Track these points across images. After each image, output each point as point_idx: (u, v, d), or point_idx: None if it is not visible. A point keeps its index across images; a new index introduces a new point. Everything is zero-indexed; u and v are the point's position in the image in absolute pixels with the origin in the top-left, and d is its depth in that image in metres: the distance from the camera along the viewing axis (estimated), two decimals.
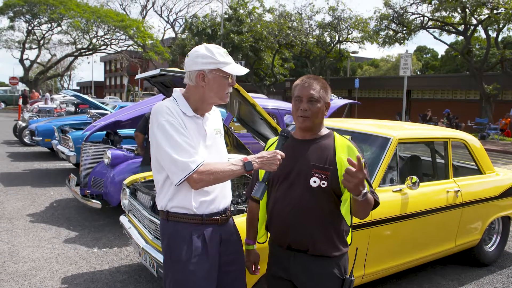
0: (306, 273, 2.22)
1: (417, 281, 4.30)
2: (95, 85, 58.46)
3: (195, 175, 1.99)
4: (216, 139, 2.25)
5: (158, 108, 2.09)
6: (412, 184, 3.56)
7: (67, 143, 8.42)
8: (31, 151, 12.13)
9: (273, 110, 7.23)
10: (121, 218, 4.16)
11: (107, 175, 5.76)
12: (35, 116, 14.17)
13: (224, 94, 2.17)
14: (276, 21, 30.09)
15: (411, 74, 21.18)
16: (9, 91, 37.56)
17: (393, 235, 3.59)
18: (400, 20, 24.33)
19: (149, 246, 3.38)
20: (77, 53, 37.16)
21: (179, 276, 2.12)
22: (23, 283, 3.96)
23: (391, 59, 54.44)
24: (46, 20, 33.18)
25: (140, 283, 4.05)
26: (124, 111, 6.73)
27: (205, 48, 2.13)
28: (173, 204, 2.13)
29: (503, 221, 4.85)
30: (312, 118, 2.20)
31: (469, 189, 4.24)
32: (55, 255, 4.64)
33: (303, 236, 2.19)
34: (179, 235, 2.13)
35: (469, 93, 27.94)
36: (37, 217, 5.96)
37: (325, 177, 2.15)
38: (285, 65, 35.35)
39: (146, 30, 34.51)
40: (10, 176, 8.66)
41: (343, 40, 30.42)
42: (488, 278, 4.44)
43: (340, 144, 2.22)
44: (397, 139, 3.71)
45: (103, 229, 5.56)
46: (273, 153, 2.08)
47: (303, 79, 2.26)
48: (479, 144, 4.65)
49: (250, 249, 2.45)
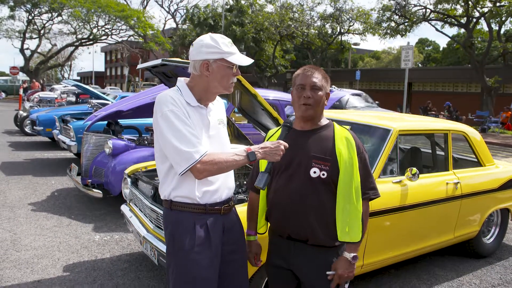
0: (305, 263, 2.24)
1: (415, 271, 4.34)
2: (95, 75, 58.33)
3: (199, 165, 2.00)
4: (219, 130, 2.26)
5: (162, 98, 2.09)
6: (412, 175, 3.58)
7: (68, 133, 8.43)
8: (32, 141, 12.15)
9: (274, 101, 7.23)
10: (122, 207, 4.19)
11: (108, 164, 5.78)
12: (36, 106, 14.16)
13: (228, 84, 2.18)
14: (278, 12, 29.96)
15: (412, 66, 21.13)
16: (10, 81, 37.51)
17: (392, 226, 3.61)
18: (402, 11, 24.21)
19: (150, 235, 3.40)
20: (78, 43, 37.02)
21: (182, 265, 2.14)
22: (25, 271, 4.00)
23: (393, 51, 54.29)
24: (47, 10, 33.02)
25: (141, 272, 4.09)
26: (125, 101, 6.74)
27: (210, 38, 2.13)
28: (177, 193, 2.14)
29: (502, 213, 4.87)
30: (314, 107, 2.21)
31: (469, 181, 4.26)
32: (57, 244, 4.68)
33: (303, 227, 2.21)
34: (182, 224, 2.15)
35: (470, 86, 27.90)
36: (39, 206, 5.99)
37: (325, 167, 2.17)
38: (286, 57, 35.26)
39: (147, 21, 34.36)
40: (12, 165, 8.69)
41: (344, 32, 30.33)
42: (486, 270, 4.48)
43: (340, 135, 2.23)
44: (397, 130, 3.72)
45: (104, 218, 5.59)
46: (277, 143, 2.09)
47: (305, 68, 2.28)
48: (479, 136, 4.67)
49: (252, 240, 2.47)
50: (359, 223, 2.18)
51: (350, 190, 2.16)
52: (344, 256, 2.21)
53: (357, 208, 2.17)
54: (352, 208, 2.17)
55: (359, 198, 2.18)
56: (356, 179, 2.17)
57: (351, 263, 2.21)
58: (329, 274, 2.21)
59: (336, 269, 2.21)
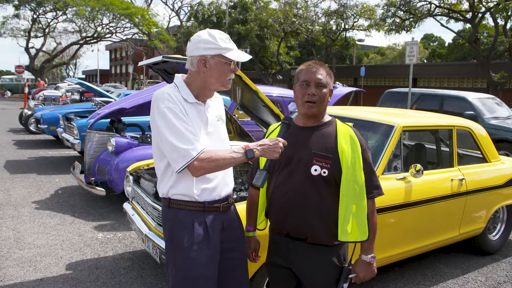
0: (305, 261, 2.21)
1: (420, 269, 4.30)
2: (100, 73, 58.46)
3: (196, 163, 1.98)
4: (218, 126, 2.23)
5: (159, 94, 2.07)
6: (416, 172, 3.53)
7: (72, 131, 8.44)
8: (36, 139, 12.19)
9: (277, 98, 7.20)
10: (125, 205, 4.18)
11: (111, 162, 5.78)
12: (40, 104, 14.21)
13: (226, 80, 2.15)
14: (282, 8, 29.86)
15: (417, 62, 20.99)
16: (15, 80, 37.66)
17: (396, 223, 3.57)
18: (407, 7, 24.06)
19: (152, 233, 3.39)
20: (82, 42, 37.09)
21: (181, 263, 2.12)
22: (28, 269, 4.00)
23: (398, 47, 53.98)
24: (51, 8, 33.07)
25: (144, 270, 4.07)
26: (128, 99, 6.72)
27: (208, 34, 2.10)
28: (175, 191, 2.12)
29: (508, 210, 4.81)
30: (318, 104, 2.17)
31: (474, 177, 4.21)
32: (60, 242, 4.68)
33: (302, 225, 2.18)
34: (180, 222, 2.13)
35: (476, 81, 27.69)
36: (42, 204, 6.00)
37: (326, 165, 2.13)
38: (291, 53, 35.17)
39: (151, 18, 34.30)
40: (16, 163, 8.72)
41: (349, 28, 30.19)
42: (491, 267, 4.43)
43: (342, 132, 2.19)
44: (401, 126, 3.68)
45: (107, 216, 5.59)
46: (275, 140, 2.06)
47: (309, 64, 2.23)
48: (484, 132, 4.61)
49: (250, 236, 2.44)
50: (364, 222, 2.15)
51: (353, 188, 2.12)
52: (362, 259, 2.22)
53: (362, 207, 2.14)
54: (356, 207, 2.13)
55: (363, 196, 2.14)
56: (360, 178, 2.13)
57: (370, 263, 2.21)
58: (351, 277, 2.23)
59: (357, 273, 2.21)
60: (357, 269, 2.22)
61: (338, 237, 2.15)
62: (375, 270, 2.25)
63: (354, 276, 2.22)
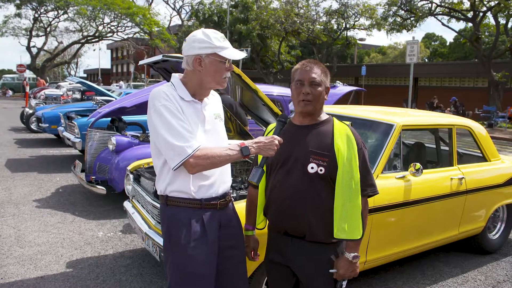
0: (303, 259, 2.22)
1: (420, 268, 4.31)
2: (102, 73, 58.49)
3: (192, 160, 2.00)
4: (216, 124, 2.24)
5: (155, 93, 2.09)
6: (415, 171, 3.54)
7: (73, 129, 8.46)
8: (37, 138, 12.20)
9: (278, 97, 7.20)
10: (125, 204, 4.19)
11: (112, 161, 5.79)
12: (41, 103, 14.24)
13: (221, 79, 2.17)
14: (283, 8, 29.84)
15: (418, 61, 20.98)
16: (17, 79, 37.73)
17: (396, 221, 3.58)
18: (408, 6, 24.04)
19: (151, 231, 3.40)
20: (84, 41, 37.14)
21: (178, 261, 2.13)
22: (29, 267, 4.02)
23: (399, 46, 53.96)
24: (53, 8, 33.13)
25: (144, 268, 4.09)
26: (128, 98, 6.74)
27: (202, 33, 2.12)
28: (172, 188, 2.14)
29: (508, 209, 4.81)
30: (314, 102, 2.18)
31: (474, 176, 4.21)
32: (60, 240, 4.69)
33: (300, 223, 2.19)
34: (178, 219, 2.14)
35: (477, 80, 27.66)
36: (43, 203, 6.01)
37: (323, 163, 2.14)
38: (292, 53, 35.15)
39: (152, 17, 34.34)
40: (17, 162, 8.74)
41: (350, 27, 30.16)
42: (491, 266, 4.44)
43: (339, 130, 2.20)
44: (400, 125, 3.68)
45: (108, 214, 5.60)
46: (271, 138, 2.08)
47: (304, 63, 2.25)
48: (484, 131, 4.61)
49: (249, 235, 2.45)
50: (359, 220, 2.15)
51: (349, 186, 2.12)
52: (344, 256, 2.19)
53: (356, 205, 2.14)
54: (351, 205, 2.13)
55: (358, 195, 2.14)
56: (355, 176, 2.14)
57: (352, 262, 2.18)
58: (332, 272, 2.20)
59: (338, 269, 2.19)
60: (339, 265, 2.19)
61: (334, 234, 2.16)
62: (356, 270, 2.21)
63: (334, 271, 2.19)
